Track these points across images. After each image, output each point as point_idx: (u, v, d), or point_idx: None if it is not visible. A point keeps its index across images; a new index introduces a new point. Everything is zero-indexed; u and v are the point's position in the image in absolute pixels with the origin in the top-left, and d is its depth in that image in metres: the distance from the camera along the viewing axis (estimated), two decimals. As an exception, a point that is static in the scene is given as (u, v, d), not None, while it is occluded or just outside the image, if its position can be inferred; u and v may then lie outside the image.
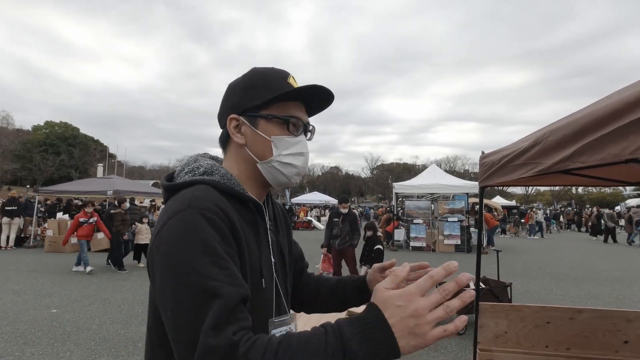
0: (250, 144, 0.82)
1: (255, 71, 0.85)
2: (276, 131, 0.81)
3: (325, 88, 0.82)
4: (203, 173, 0.78)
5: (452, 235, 12.17)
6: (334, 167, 70.17)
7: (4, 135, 44.44)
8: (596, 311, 2.93)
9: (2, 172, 41.00)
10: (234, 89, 0.85)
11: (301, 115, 0.84)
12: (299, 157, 0.84)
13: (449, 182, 13.39)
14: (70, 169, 45.13)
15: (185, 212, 0.66)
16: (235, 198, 0.77)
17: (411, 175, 23.57)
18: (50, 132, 50.98)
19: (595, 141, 1.52)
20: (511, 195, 48.67)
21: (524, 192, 56.29)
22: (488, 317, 3.03)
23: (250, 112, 0.81)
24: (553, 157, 1.87)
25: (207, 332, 0.56)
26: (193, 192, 0.71)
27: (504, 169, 2.56)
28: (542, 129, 2.18)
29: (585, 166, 1.66)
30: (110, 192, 11.64)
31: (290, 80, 0.83)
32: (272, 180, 0.84)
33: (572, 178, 3.05)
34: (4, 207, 11.14)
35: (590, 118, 1.62)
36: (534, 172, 2.09)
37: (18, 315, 4.91)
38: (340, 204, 6.32)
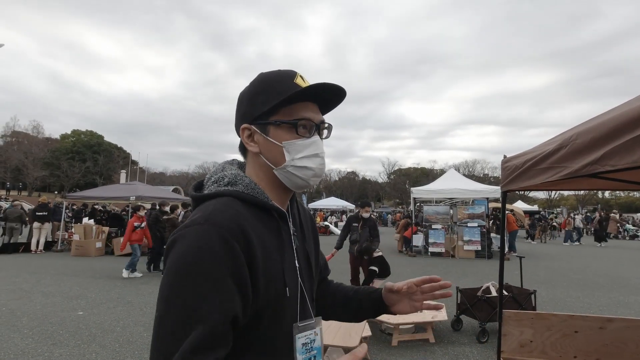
0: (264, 151, 0.82)
1: (261, 77, 0.84)
2: (286, 136, 0.80)
3: (331, 84, 0.80)
4: (227, 184, 0.80)
5: (472, 240, 11.90)
6: (351, 172, 70.01)
7: (34, 144, 46.55)
8: (628, 321, 2.81)
9: (32, 178, 42.88)
10: (243, 99, 0.85)
11: (312, 115, 0.82)
12: (313, 158, 0.82)
13: (468, 186, 13.13)
14: (95, 176, 46.74)
15: (201, 227, 0.67)
16: (259, 207, 0.79)
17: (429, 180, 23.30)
18: (77, 140, 53.06)
19: (627, 143, 1.48)
20: (533, 200, 47.26)
21: (546, 196, 54.56)
22: (512, 326, 2.95)
23: (260, 120, 0.81)
24: (580, 160, 1.82)
25: (185, 354, 0.59)
26: (214, 206, 0.73)
27: (527, 173, 2.50)
28: (568, 132, 2.13)
29: (616, 169, 1.61)
30: (133, 197, 11.96)
31: (298, 80, 0.81)
32: (291, 184, 0.84)
33: (599, 182, 2.95)
34: (35, 213, 11.62)
35: (621, 120, 1.57)
36: (559, 176, 2.03)
37: (47, 317, 5.10)
38: (363, 208, 6.16)
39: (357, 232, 6.00)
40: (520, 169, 2.59)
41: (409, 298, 0.93)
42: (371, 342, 4.34)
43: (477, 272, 9.27)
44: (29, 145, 45.75)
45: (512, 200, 32.73)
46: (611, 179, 2.81)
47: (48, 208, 11.86)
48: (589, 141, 1.73)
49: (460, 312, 4.76)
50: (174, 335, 0.61)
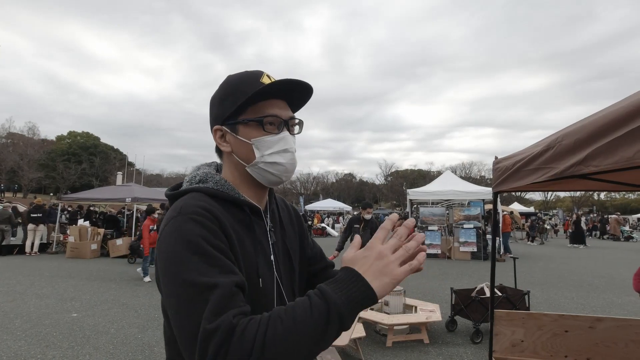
0: (235, 150, 0.85)
1: (228, 79, 0.88)
2: (255, 133, 0.83)
3: (293, 79, 0.82)
4: (199, 181, 0.84)
5: (468, 242, 11.95)
6: (348, 174, 70.11)
7: (29, 145, 46.29)
8: (617, 320, 2.84)
9: (27, 180, 42.60)
10: (213, 102, 0.88)
11: (279, 111, 0.84)
12: (283, 154, 0.84)
13: (464, 188, 13.19)
14: (91, 177, 46.54)
15: (176, 219, 0.72)
16: (230, 202, 0.82)
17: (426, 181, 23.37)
18: (73, 141, 52.84)
19: (608, 144, 1.51)
20: (530, 201, 47.48)
21: (543, 198, 54.83)
22: (504, 325, 2.97)
23: (230, 120, 0.84)
24: (566, 161, 1.85)
25: (208, 318, 0.60)
26: (185, 200, 0.77)
27: (517, 174, 2.54)
28: (556, 133, 2.16)
29: (600, 171, 1.63)
30: (129, 199, 11.93)
31: (264, 79, 0.84)
32: (264, 180, 0.86)
33: (591, 183, 2.98)
34: (29, 214, 11.55)
35: (603, 121, 1.60)
36: (547, 177, 2.06)
37: (41, 319, 5.07)
38: (365, 210, 6.09)
39: (358, 234, 5.96)
40: (510, 170, 2.63)
41: None
42: (365, 342, 4.35)
43: (473, 273, 9.31)
44: (25, 146, 45.49)
45: (508, 202, 32.87)
46: (602, 180, 2.84)
47: (43, 210, 11.80)
48: (573, 142, 1.76)
49: (454, 313, 4.79)
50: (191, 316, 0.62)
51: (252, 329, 0.59)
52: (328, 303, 0.61)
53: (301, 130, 0.92)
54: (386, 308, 4.85)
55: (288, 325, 0.59)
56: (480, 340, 4.40)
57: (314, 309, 0.60)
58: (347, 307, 0.61)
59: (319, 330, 0.60)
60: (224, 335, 0.59)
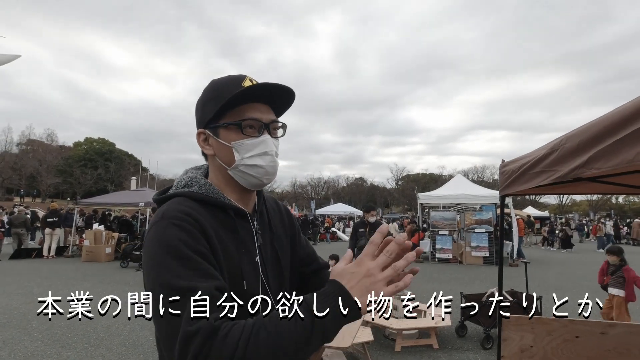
0: (217, 153, 0.87)
1: (211, 84, 0.89)
2: (234, 136, 0.84)
3: (270, 83, 0.83)
4: (184, 186, 0.87)
5: (480, 247, 11.78)
6: (359, 178, 69.88)
7: (48, 151, 47.61)
8: (631, 326, 2.79)
9: (45, 185, 43.78)
10: (197, 106, 0.90)
11: (259, 115, 0.85)
12: (263, 156, 0.85)
13: (476, 192, 13.04)
14: (106, 182, 47.52)
15: (158, 224, 0.74)
16: (214, 206, 0.83)
17: (437, 185, 23.15)
18: (89, 147, 54.09)
19: (609, 147, 1.51)
20: (544, 205, 46.48)
21: (558, 202, 53.63)
22: (512, 330, 2.94)
23: (211, 124, 0.86)
24: (569, 164, 1.85)
25: (187, 321, 0.62)
26: (168, 205, 0.80)
27: (523, 177, 2.53)
28: (560, 136, 2.15)
29: (602, 174, 1.63)
30: (142, 203, 12.16)
31: (246, 83, 0.84)
32: (245, 183, 0.87)
33: (600, 186, 2.95)
34: (45, 219, 11.88)
35: (604, 124, 1.60)
36: (551, 180, 2.06)
37: (56, 320, 5.21)
38: (368, 213, 6.06)
39: (364, 238, 5.88)
40: (516, 173, 2.62)
41: None
42: (374, 347, 4.34)
43: (485, 278, 9.17)
44: (44, 153, 46.83)
45: (522, 206, 32.30)
46: (611, 183, 2.81)
47: (59, 214, 12.10)
48: (576, 145, 1.76)
49: (464, 318, 4.73)
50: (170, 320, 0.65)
51: (236, 334, 0.61)
52: (312, 317, 0.62)
53: (284, 133, 0.92)
54: (395, 312, 4.83)
55: (271, 335, 0.61)
56: (491, 346, 4.34)
57: (297, 322, 0.62)
58: (331, 321, 0.63)
59: (301, 343, 0.62)
60: (204, 338, 0.60)
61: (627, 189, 2.95)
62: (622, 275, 4.72)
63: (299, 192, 62.50)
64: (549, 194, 3.75)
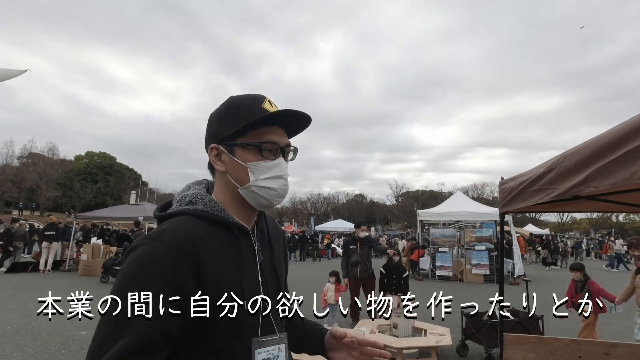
0: (230, 170, 0.86)
1: (231, 100, 0.89)
2: (251, 157, 0.84)
3: (297, 111, 0.84)
4: (188, 202, 0.85)
5: (481, 264, 11.69)
6: (359, 195, 69.87)
7: (49, 165, 47.73)
8: (633, 346, 2.75)
9: (45, 199, 43.69)
10: (212, 120, 0.90)
11: (277, 138, 0.86)
12: (277, 179, 0.86)
13: (476, 209, 13.02)
14: (106, 196, 47.40)
15: (151, 243, 0.73)
16: (218, 223, 0.82)
17: (437, 202, 23.15)
18: (90, 161, 54.25)
19: (606, 165, 1.53)
20: (544, 223, 46.29)
21: (558, 220, 53.44)
22: (514, 350, 2.90)
23: (227, 141, 0.86)
24: (567, 182, 1.87)
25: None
26: (170, 224, 0.78)
27: (522, 195, 2.55)
28: (559, 155, 2.18)
29: (600, 192, 1.65)
30: (141, 218, 12.12)
31: (266, 105, 0.85)
32: (255, 203, 0.87)
33: (599, 204, 2.96)
34: (43, 232, 11.81)
35: (601, 142, 1.63)
36: (550, 198, 2.08)
37: (50, 336, 5.12)
38: (358, 228, 6.02)
39: (356, 254, 5.87)
40: (515, 191, 2.64)
41: (347, 350, 0.94)
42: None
43: (486, 296, 8.97)
44: (44, 166, 46.90)
45: (522, 223, 32.17)
46: (610, 202, 2.82)
47: (57, 228, 12.04)
48: (574, 164, 1.78)
49: (465, 337, 4.66)
50: (105, 342, 0.66)
51: None
52: None
53: (295, 157, 0.93)
54: (395, 331, 4.76)
55: None
56: (493, 367, 4.26)
57: None
58: None
59: None
60: None
61: (627, 208, 2.97)
62: (589, 289, 4.73)
63: (298, 208, 62.33)
64: (549, 211, 3.75)
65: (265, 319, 0.82)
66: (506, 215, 3.18)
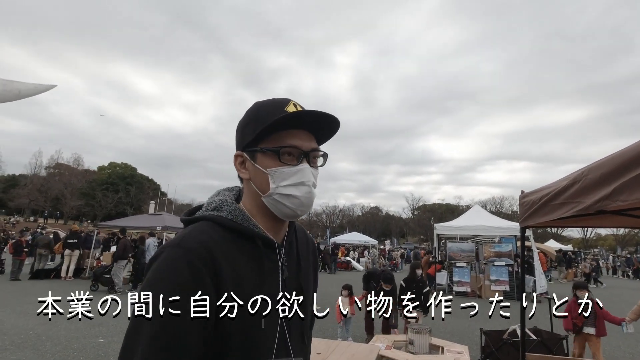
0: (253, 178, 0.83)
1: (254, 106, 0.85)
2: (271, 163, 0.80)
3: (316, 111, 0.79)
4: (214, 209, 0.82)
5: (500, 280, 11.32)
6: (374, 207, 69.27)
7: (73, 175, 49.50)
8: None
9: (69, 207, 45.15)
10: (238, 128, 0.87)
11: (299, 142, 0.80)
12: (299, 186, 0.80)
13: (494, 223, 12.68)
14: (126, 206, 48.61)
15: (172, 250, 0.71)
16: (241, 233, 0.79)
17: (454, 216, 22.68)
18: (113, 172, 55.99)
19: (634, 179, 1.47)
20: (567, 239, 44.58)
21: (581, 236, 51.43)
22: (537, 371, 2.77)
23: (249, 147, 0.82)
24: (593, 195, 1.80)
25: None
26: (190, 230, 0.77)
27: (544, 209, 2.47)
28: (582, 168, 2.12)
29: (629, 207, 1.58)
30: (159, 227, 12.34)
31: (290, 108, 0.80)
32: (278, 212, 0.82)
33: (626, 219, 2.84)
34: (66, 240, 12.16)
35: (629, 155, 1.57)
36: (574, 212, 2.00)
37: (69, 342, 5.21)
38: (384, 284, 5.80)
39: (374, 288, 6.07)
40: (537, 205, 2.56)
41: None
42: (389, 384, 4.13)
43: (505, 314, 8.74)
44: (69, 176, 48.68)
45: (544, 239, 31.10)
46: (639, 217, 2.70)
47: (79, 236, 12.37)
48: (599, 177, 1.72)
49: (484, 356, 4.49)
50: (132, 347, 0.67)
51: None
52: None
53: (325, 162, 0.87)
54: (411, 347, 4.63)
55: None
56: (514, 388, 4.07)
57: None
58: None
59: None
60: None
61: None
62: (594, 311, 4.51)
63: (313, 220, 62.21)
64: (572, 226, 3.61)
65: (281, 339, 0.77)
66: (527, 230, 3.09)
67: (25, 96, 3.34)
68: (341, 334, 5.70)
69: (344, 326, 5.77)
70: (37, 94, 4.34)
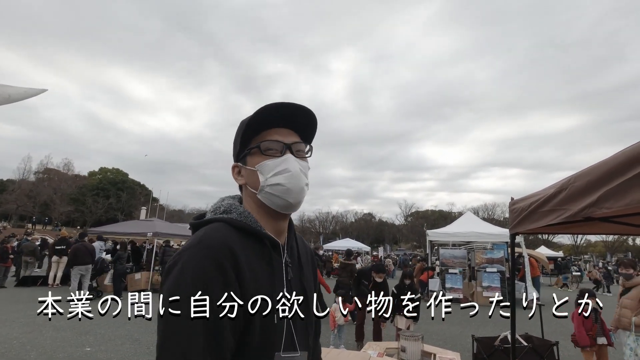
0: (247, 180, 0.90)
1: (241, 121, 0.92)
2: (257, 160, 0.88)
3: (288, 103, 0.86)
4: (223, 212, 0.87)
5: (492, 287, 11.38)
6: (367, 214, 69.33)
7: (63, 180, 48.75)
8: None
9: (58, 213, 44.39)
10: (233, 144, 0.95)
11: (281, 137, 0.88)
12: (284, 173, 0.86)
13: (486, 230, 12.79)
14: (117, 212, 48.00)
15: (193, 250, 0.75)
16: (251, 235, 0.83)
17: (447, 222, 22.80)
18: (103, 177, 55.28)
19: (619, 186, 1.50)
20: (558, 245, 45.06)
21: (572, 242, 52.02)
22: (528, 378, 2.78)
23: (240, 155, 0.91)
24: (579, 203, 1.83)
25: None
26: (206, 231, 0.80)
27: (533, 216, 2.50)
28: (569, 175, 2.15)
29: (613, 214, 1.61)
30: (150, 233, 12.18)
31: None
32: (273, 205, 0.87)
33: (615, 227, 2.88)
34: (54, 246, 11.93)
35: (614, 163, 1.60)
36: (561, 219, 2.03)
37: (55, 352, 5.09)
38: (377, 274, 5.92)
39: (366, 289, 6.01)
40: (526, 212, 2.59)
41: None
42: (381, 392, 4.10)
43: (497, 320, 8.76)
44: (59, 181, 47.91)
45: (534, 245, 31.38)
46: (626, 224, 2.74)
47: (67, 242, 12.16)
48: (585, 184, 1.75)
49: (477, 364, 4.49)
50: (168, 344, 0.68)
51: None
52: None
53: (311, 153, 0.94)
54: (403, 355, 4.61)
55: None
56: (506, 396, 4.07)
57: None
58: None
59: None
60: None
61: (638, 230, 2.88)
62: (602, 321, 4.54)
63: (306, 226, 62.03)
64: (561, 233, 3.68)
65: (288, 334, 0.82)
66: (517, 236, 3.11)
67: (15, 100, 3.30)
68: (334, 341, 5.65)
69: (337, 334, 5.73)
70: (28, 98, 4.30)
